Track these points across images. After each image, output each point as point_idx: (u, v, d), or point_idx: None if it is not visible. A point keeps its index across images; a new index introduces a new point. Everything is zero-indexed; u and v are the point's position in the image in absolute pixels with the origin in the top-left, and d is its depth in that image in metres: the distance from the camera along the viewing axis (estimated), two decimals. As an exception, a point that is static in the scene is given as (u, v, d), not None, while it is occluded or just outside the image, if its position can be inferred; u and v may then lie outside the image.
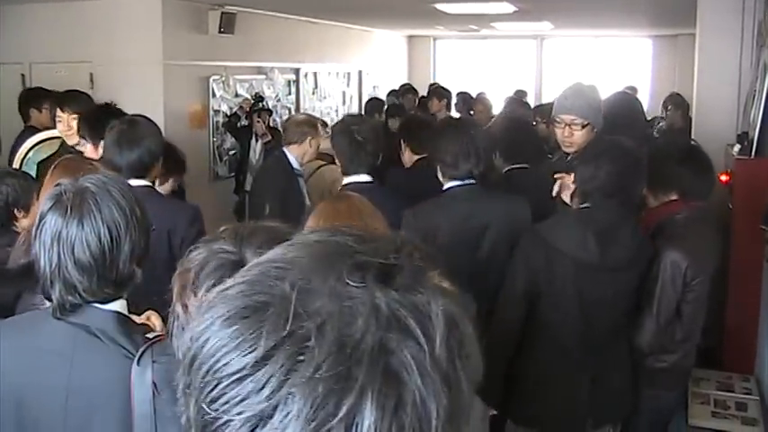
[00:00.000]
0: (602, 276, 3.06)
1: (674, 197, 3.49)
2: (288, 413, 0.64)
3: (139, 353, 1.82)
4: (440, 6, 8.60)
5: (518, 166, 4.74)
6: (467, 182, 3.60)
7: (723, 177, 4.96)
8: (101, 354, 1.88)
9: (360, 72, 12.46)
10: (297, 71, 10.37)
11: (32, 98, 6.45)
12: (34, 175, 3.87)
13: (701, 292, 3.34)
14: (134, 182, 3.38)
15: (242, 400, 0.66)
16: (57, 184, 1.99)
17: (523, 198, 3.72)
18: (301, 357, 0.66)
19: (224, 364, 0.68)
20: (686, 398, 4.05)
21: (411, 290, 0.72)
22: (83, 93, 5.56)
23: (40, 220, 1.92)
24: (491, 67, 14.82)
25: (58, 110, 4.83)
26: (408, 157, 4.69)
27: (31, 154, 4.73)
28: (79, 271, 1.87)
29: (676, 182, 3.46)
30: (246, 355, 0.67)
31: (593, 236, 3.02)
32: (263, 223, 1.49)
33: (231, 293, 0.73)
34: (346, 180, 3.69)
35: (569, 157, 3.84)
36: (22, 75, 7.95)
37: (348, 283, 0.70)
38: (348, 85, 12.16)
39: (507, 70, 14.61)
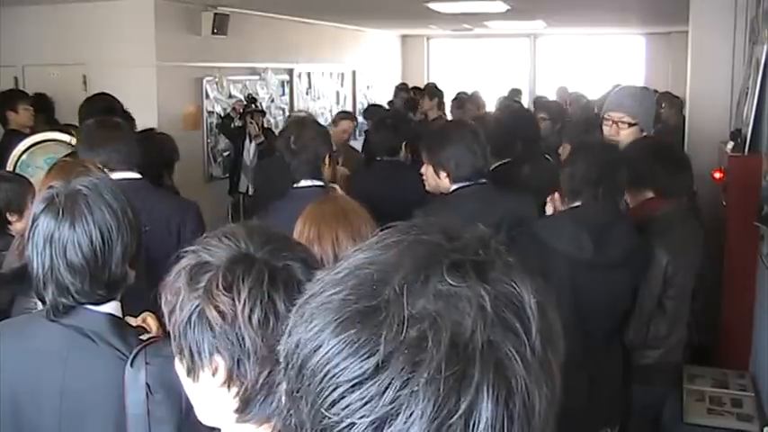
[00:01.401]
0: (598, 275, 3.06)
1: (650, 195, 3.48)
2: (411, 413, 0.67)
3: (133, 354, 1.82)
4: (433, 6, 8.60)
5: (502, 162, 4.71)
6: (478, 181, 3.60)
7: (716, 174, 4.97)
8: (94, 355, 1.88)
9: (353, 72, 12.46)
10: (290, 71, 10.37)
11: (7, 100, 6.40)
12: (29, 178, 3.86)
13: (682, 287, 3.35)
14: (132, 174, 3.56)
15: (365, 404, 0.68)
16: (49, 187, 1.99)
17: (528, 195, 3.71)
18: (420, 358, 0.68)
19: (342, 369, 0.70)
20: (681, 394, 4.06)
21: (505, 284, 0.75)
22: (108, 94, 5.60)
23: (32, 223, 1.93)
24: (485, 65, 14.84)
25: None
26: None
27: (24, 156, 4.71)
28: (71, 273, 1.87)
29: (650, 179, 3.46)
30: (365, 359, 0.69)
31: (587, 233, 3.03)
32: (253, 223, 1.48)
33: (336, 299, 0.74)
34: (295, 185, 3.63)
35: None
36: (15, 77, 7.94)
37: (450, 283, 0.72)
38: (342, 85, 12.16)
39: (501, 69, 14.63)
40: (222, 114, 8.53)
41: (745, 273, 4.62)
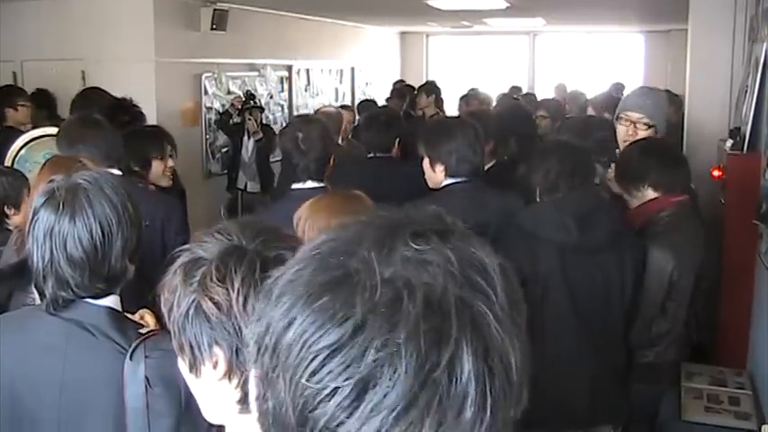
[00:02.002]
0: (586, 258, 3.10)
1: (648, 192, 3.47)
2: (395, 370, 0.68)
3: (132, 348, 1.83)
4: (432, 2, 8.60)
5: (492, 164, 4.71)
6: (469, 179, 3.62)
7: (715, 172, 4.97)
8: (93, 349, 1.88)
9: (352, 69, 12.46)
10: (289, 68, 10.36)
11: (6, 97, 6.36)
12: (27, 173, 3.87)
13: (685, 289, 3.35)
14: (112, 171, 3.48)
15: (347, 367, 0.69)
16: (50, 180, 2.00)
17: (518, 195, 3.72)
18: (397, 317, 0.69)
19: (319, 337, 0.70)
20: (679, 392, 4.06)
21: (466, 249, 0.77)
22: (100, 89, 5.60)
23: (33, 216, 1.93)
24: (484, 63, 14.84)
25: None
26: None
27: (23, 152, 4.71)
28: (71, 266, 1.87)
29: (645, 175, 3.45)
30: (342, 324, 0.70)
31: (571, 218, 3.07)
32: (245, 219, 1.51)
33: (303, 274, 0.75)
34: (295, 186, 3.57)
35: None
36: (14, 72, 7.93)
37: (415, 248, 0.74)
38: (341, 81, 12.15)
39: (500, 66, 14.63)
40: (221, 111, 8.53)
41: (744, 271, 4.63)
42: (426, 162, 3.71)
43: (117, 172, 3.58)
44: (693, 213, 3.69)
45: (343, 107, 7.74)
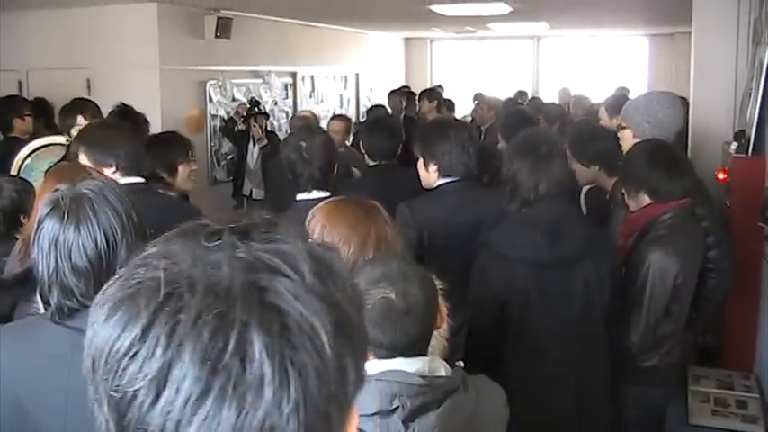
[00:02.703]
0: (560, 272, 3.03)
1: (644, 198, 3.45)
2: (184, 361, 0.70)
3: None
4: (435, 8, 8.61)
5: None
6: (461, 179, 3.65)
7: (720, 175, 4.96)
8: (99, 357, 1.88)
9: (357, 75, 12.48)
10: (294, 74, 10.39)
11: (15, 107, 6.33)
12: (34, 182, 3.87)
13: (688, 290, 3.35)
14: (137, 179, 3.54)
15: (141, 367, 0.71)
16: (55, 190, 2.00)
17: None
18: (180, 314, 0.72)
19: (118, 346, 0.73)
20: (686, 396, 4.05)
21: (270, 240, 0.79)
22: (86, 99, 5.62)
23: (38, 226, 1.94)
24: (488, 68, 14.85)
25: (79, 116, 5.04)
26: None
27: (29, 161, 4.72)
28: (76, 276, 1.88)
29: (644, 182, 3.43)
30: (132, 329, 0.73)
31: (540, 233, 3.00)
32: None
33: (108, 294, 0.78)
34: (300, 197, 3.53)
35: None
36: (19, 81, 7.96)
37: (207, 246, 0.77)
38: (345, 87, 12.17)
39: (504, 71, 14.64)
40: (226, 118, 8.56)
41: (750, 274, 4.61)
42: (420, 162, 3.73)
43: (140, 180, 3.58)
44: (703, 213, 3.68)
45: (337, 117, 7.58)
